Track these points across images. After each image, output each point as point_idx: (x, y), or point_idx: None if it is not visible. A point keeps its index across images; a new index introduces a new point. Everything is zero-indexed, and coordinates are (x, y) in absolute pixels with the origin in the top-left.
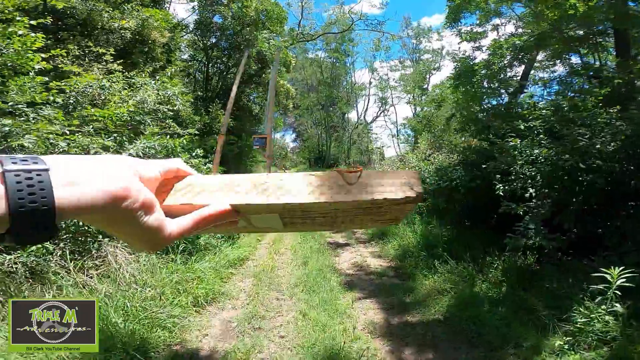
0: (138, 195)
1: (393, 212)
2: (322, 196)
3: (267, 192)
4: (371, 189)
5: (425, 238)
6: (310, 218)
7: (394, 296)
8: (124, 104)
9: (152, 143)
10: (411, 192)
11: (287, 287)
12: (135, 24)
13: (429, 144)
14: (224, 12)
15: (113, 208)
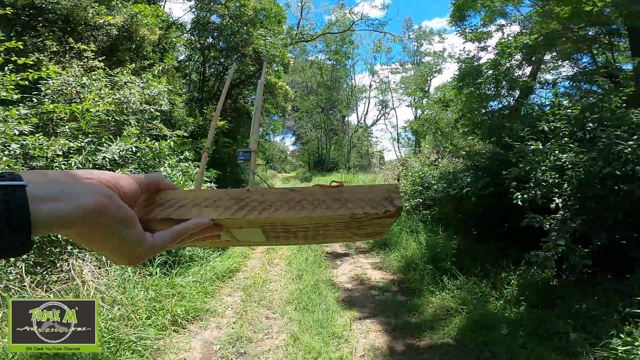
0: (116, 210)
1: (374, 226)
2: (302, 211)
3: (247, 207)
4: (351, 204)
5: (431, 250)
6: (292, 232)
7: (398, 316)
8: (100, 102)
9: (128, 145)
10: (391, 207)
11: (278, 304)
12: (123, 20)
13: (433, 147)
14: (221, 11)
15: (90, 223)
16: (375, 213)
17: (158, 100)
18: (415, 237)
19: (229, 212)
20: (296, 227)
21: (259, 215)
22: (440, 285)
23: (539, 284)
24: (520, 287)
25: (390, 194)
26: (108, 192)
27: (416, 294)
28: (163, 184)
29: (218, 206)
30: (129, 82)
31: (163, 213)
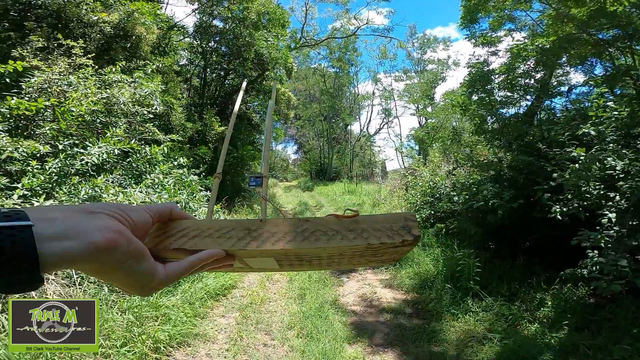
0: (126, 246)
1: (390, 253)
2: (316, 242)
3: (260, 238)
4: (367, 234)
5: (449, 266)
6: (307, 260)
7: (417, 344)
8: (82, 102)
9: (112, 148)
10: (409, 236)
11: (278, 329)
12: (118, 17)
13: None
14: (224, 14)
15: (100, 260)
16: (392, 243)
17: (149, 100)
18: (429, 251)
19: (242, 243)
20: (310, 256)
21: (272, 246)
22: (461, 306)
23: (579, 304)
24: (557, 308)
25: (407, 222)
26: (118, 227)
27: (434, 317)
28: (175, 213)
29: (231, 237)
30: (118, 81)
31: (176, 243)
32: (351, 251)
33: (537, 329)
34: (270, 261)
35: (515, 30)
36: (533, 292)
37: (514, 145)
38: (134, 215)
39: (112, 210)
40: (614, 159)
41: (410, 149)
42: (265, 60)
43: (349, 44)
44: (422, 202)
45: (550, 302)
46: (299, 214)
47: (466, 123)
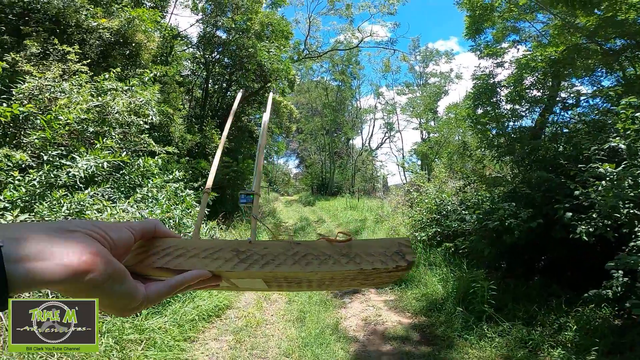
0: (104, 267)
1: (383, 277)
2: (307, 266)
3: (249, 260)
4: (360, 259)
5: (460, 288)
6: (296, 282)
7: None
8: (71, 110)
9: (101, 161)
10: (402, 262)
11: (275, 356)
12: (119, 23)
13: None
14: (227, 25)
15: (75, 282)
16: (386, 268)
17: (144, 110)
18: (435, 271)
19: (230, 264)
20: (300, 278)
21: (261, 268)
22: (475, 331)
23: (605, 327)
24: (581, 331)
25: (401, 248)
26: (95, 248)
27: (445, 343)
28: (159, 231)
29: (218, 258)
30: (113, 89)
31: (159, 262)
32: (342, 275)
33: (561, 355)
34: (259, 282)
35: (519, 41)
36: (553, 315)
37: (526, 160)
38: (113, 233)
39: (90, 228)
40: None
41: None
42: (267, 71)
43: (352, 57)
44: (427, 220)
45: (573, 325)
46: (299, 230)
47: (470, 137)
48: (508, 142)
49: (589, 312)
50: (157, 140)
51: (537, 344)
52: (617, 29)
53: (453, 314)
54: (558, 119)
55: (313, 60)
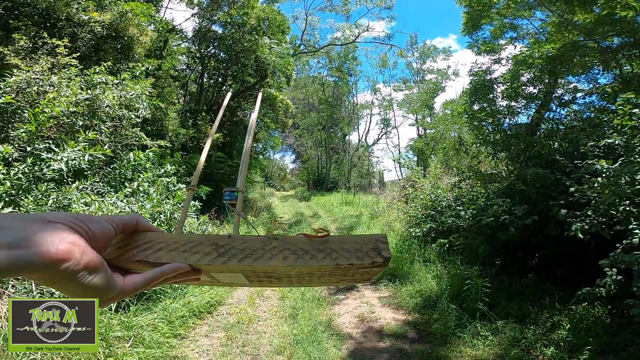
0: (80, 257)
1: (361, 274)
2: (284, 260)
3: (227, 254)
4: (336, 254)
5: (453, 285)
6: (276, 277)
7: None
8: (56, 102)
9: (82, 153)
10: (378, 258)
11: (266, 353)
12: (111, 17)
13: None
14: (223, 19)
15: (51, 270)
16: (361, 264)
17: (135, 104)
18: (430, 267)
19: (208, 258)
20: (279, 273)
21: (239, 262)
22: (469, 329)
23: (598, 326)
24: (574, 330)
25: (377, 244)
26: (72, 238)
27: (439, 341)
28: (140, 225)
29: (197, 252)
30: (103, 83)
31: (139, 255)
32: (320, 271)
33: (554, 354)
34: (239, 277)
35: (517, 38)
36: (547, 313)
37: (521, 157)
38: (93, 226)
39: (69, 220)
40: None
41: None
42: (265, 67)
43: (349, 52)
44: (422, 216)
45: (566, 323)
46: (294, 225)
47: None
48: (504, 138)
49: (582, 310)
50: (150, 134)
51: (530, 342)
52: (614, 27)
53: (447, 311)
54: (554, 115)
55: (310, 56)
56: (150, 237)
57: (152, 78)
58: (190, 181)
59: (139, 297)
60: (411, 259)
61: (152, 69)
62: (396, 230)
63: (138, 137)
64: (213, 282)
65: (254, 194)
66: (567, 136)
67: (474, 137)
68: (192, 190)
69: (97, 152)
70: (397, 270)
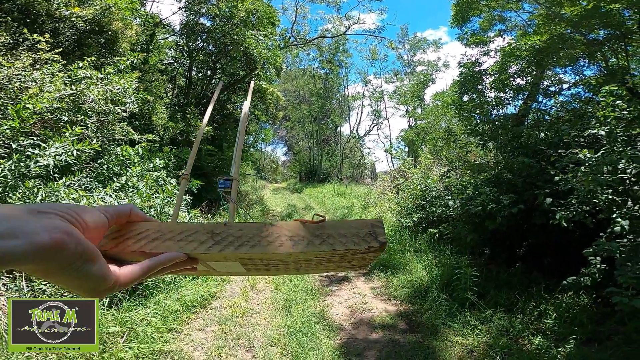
0: (74, 247)
1: (358, 260)
2: (281, 247)
3: (224, 242)
4: (333, 240)
5: (443, 275)
6: (273, 265)
7: None
8: (39, 98)
9: (70, 148)
10: (375, 242)
11: (261, 345)
12: (94, 11)
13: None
14: (212, 12)
15: (46, 260)
16: (358, 249)
17: (121, 98)
18: (421, 257)
19: (204, 246)
20: (276, 261)
21: (235, 250)
22: (459, 318)
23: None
24: (560, 319)
25: (374, 229)
26: (66, 228)
27: (430, 331)
28: (134, 215)
29: (193, 240)
30: (87, 78)
31: (134, 246)
32: (317, 257)
33: (541, 343)
34: (236, 265)
35: (505, 30)
36: (534, 302)
37: (508, 146)
38: (86, 216)
39: (62, 210)
40: (626, 162)
41: (400, 150)
42: (255, 59)
43: (339, 45)
44: (413, 206)
45: (552, 312)
46: (286, 217)
47: (456, 124)
48: (492, 128)
49: (567, 299)
50: (138, 129)
51: (518, 331)
52: (601, 20)
53: (437, 301)
54: (540, 106)
55: (300, 48)
56: (145, 227)
57: (139, 72)
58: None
59: (132, 292)
60: (402, 249)
61: (138, 62)
62: (388, 221)
63: (125, 132)
64: (210, 271)
65: (246, 187)
66: (552, 127)
67: (463, 128)
68: (185, 179)
69: (85, 147)
70: (389, 261)
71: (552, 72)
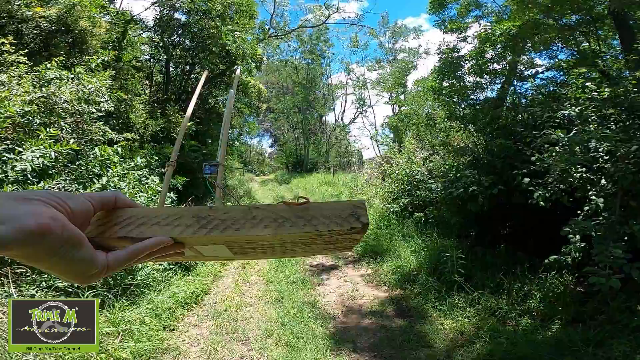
0: (61, 231)
1: (342, 241)
2: (266, 229)
3: (209, 225)
4: (316, 221)
5: (431, 259)
6: (259, 248)
7: (405, 349)
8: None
9: (47, 150)
10: (357, 223)
11: (256, 337)
12: (58, 11)
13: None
14: (186, 6)
15: (32, 245)
16: (340, 230)
17: (95, 97)
18: (409, 242)
19: (191, 230)
20: (262, 243)
21: (221, 233)
22: (448, 302)
23: (568, 296)
24: (545, 300)
25: (356, 210)
26: (52, 213)
27: (420, 315)
28: (120, 201)
29: (179, 224)
30: (57, 78)
31: (121, 232)
32: (302, 239)
33: (527, 324)
34: (223, 249)
35: (482, 17)
36: (519, 283)
37: (487, 129)
38: (71, 202)
39: (47, 197)
40: (597, 141)
41: (386, 137)
42: (233, 53)
43: (321, 35)
44: (399, 191)
45: (537, 293)
46: None
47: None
48: (472, 112)
49: (551, 279)
50: (115, 128)
51: (505, 313)
52: (572, 5)
53: (426, 285)
54: (518, 90)
55: (280, 40)
56: (131, 213)
57: (112, 70)
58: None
59: (123, 292)
60: (390, 235)
61: (110, 60)
62: (375, 207)
63: (103, 132)
64: (198, 256)
65: (234, 181)
66: (528, 109)
67: (445, 113)
68: (172, 166)
69: (63, 148)
70: (378, 247)
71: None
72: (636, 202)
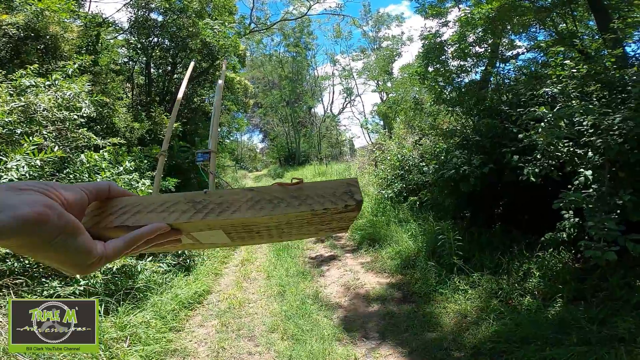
0: (57, 220)
1: (337, 221)
2: (262, 210)
3: (205, 210)
4: (311, 200)
5: (429, 242)
6: (256, 232)
7: (412, 333)
8: None
9: (32, 159)
10: (351, 201)
11: (261, 333)
12: (25, 18)
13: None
14: (161, 6)
15: (29, 234)
16: (335, 208)
17: (75, 103)
18: (406, 227)
19: (187, 215)
20: (258, 226)
21: (217, 217)
22: (449, 284)
23: (568, 273)
24: (545, 279)
25: (349, 187)
26: (48, 202)
27: (423, 300)
28: (113, 191)
29: (175, 210)
30: (33, 86)
31: (117, 221)
32: (298, 219)
33: (530, 303)
34: (220, 234)
35: (461, 0)
36: (517, 262)
37: (474, 110)
38: (66, 192)
39: (42, 187)
40: (580, 115)
41: (376, 124)
42: (214, 49)
43: (303, 27)
44: (392, 176)
45: (536, 272)
46: None
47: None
48: (458, 95)
49: (548, 257)
50: (99, 134)
51: (507, 293)
52: None
53: (426, 269)
54: (500, 71)
55: (262, 34)
56: (126, 202)
57: (90, 75)
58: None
59: (125, 296)
60: (387, 221)
61: (87, 65)
62: (370, 194)
63: (87, 138)
64: (195, 244)
65: (227, 179)
66: (511, 89)
67: (431, 97)
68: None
69: (49, 156)
70: (375, 234)
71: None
72: (624, 172)
